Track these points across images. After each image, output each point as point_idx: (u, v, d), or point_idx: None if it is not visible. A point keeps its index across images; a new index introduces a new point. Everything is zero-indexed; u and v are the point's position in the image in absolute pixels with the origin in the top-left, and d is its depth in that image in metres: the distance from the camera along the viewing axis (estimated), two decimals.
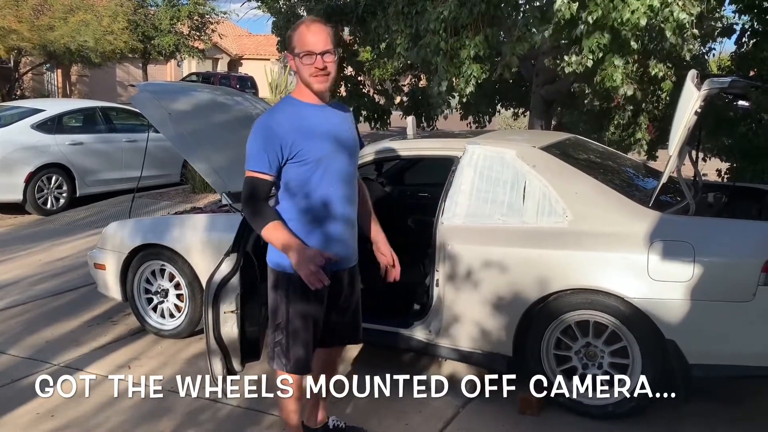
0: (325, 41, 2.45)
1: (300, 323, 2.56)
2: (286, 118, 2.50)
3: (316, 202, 2.52)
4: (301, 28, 2.48)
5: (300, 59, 2.46)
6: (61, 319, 4.63)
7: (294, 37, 2.48)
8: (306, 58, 2.44)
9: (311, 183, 2.50)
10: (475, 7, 5.49)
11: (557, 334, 3.26)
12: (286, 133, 2.46)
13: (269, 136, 2.48)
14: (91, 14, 19.74)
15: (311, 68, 2.45)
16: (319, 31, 2.45)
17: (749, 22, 6.22)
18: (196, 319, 4.08)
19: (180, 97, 4.79)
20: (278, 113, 2.54)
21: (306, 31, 2.46)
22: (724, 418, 3.27)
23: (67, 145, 8.59)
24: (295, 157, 2.47)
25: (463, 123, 8.92)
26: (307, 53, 2.44)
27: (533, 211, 3.29)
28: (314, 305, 2.56)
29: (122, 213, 7.61)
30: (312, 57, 2.44)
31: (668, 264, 3.01)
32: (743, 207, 3.87)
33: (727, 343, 3.00)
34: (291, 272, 2.49)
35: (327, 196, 2.53)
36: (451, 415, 3.30)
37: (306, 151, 2.47)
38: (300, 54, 2.45)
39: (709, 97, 3.22)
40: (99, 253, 4.50)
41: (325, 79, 2.48)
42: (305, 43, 2.45)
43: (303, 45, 2.45)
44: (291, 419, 2.77)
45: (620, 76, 5.18)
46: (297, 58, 2.47)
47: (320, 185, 2.51)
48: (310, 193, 2.51)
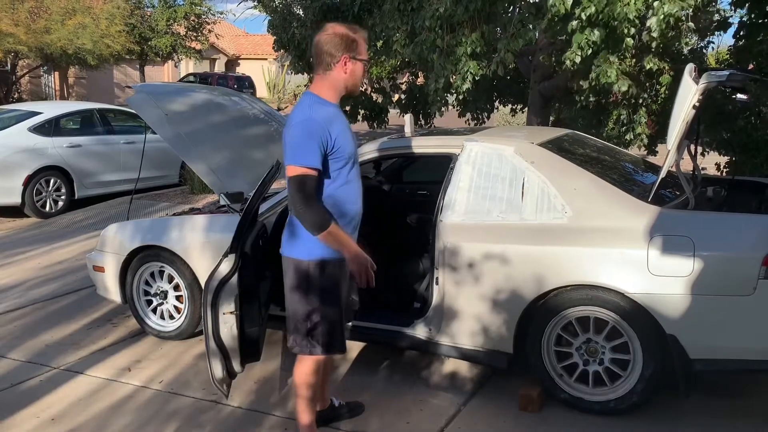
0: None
1: (332, 307, 2.71)
2: (325, 115, 2.59)
3: (338, 197, 2.66)
4: (362, 36, 2.66)
5: (360, 64, 2.64)
6: (60, 322, 4.63)
7: (360, 42, 2.64)
8: (364, 65, 2.66)
9: (343, 176, 2.65)
10: (471, 4, 5.47)
11: (558, 331, 3.25)
12: (327, 130, 2.56)
13: (315, 131, 2.54)
14: (88, 17, 19.72)
15: (362, 75, 2.67)
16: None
17: (746, 15, 6.20)
18: (196, 321, 4.08)
19: (177, 98, 4.78)
20: (319, 110, 2.60)
21: (364, 41, 2.66)
22: (725, 412, 3.26)
23: (65, 147, 8.57)
24: (334, 153, 2.59)
25: (461, 120, 8.91)
26: (365, 61, 2.66)
27: (532, 208, 3.28)
28: (341, 289, 2.74)
29: (121, 215, 7.59)
30: (366, 65, 2.67)
31: (668, 259, 3.00)
32: (743, 200, 3.86)
33: (728, 337, 2.99)
34: (323, 259, 2.63)
35: (355, 189, 2.72)
36: (452, 412, 3.30)
37: (343, 147, 2.61)
38: (363, 60, 2.65)
39: (707, 90, 3.21)
40: (98, 255, 4.49)
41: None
42: (364, 51, 2.64)
43: (364, 53, 2.65)
44: (304, 418, 2.86)
45: (615, 72, 5.16)
46: (358, 61, 2.63)
47: (350, 179, 2.68)
48: (335, 188, 2.64)
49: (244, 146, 4.67)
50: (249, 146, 4.69)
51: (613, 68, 5.13)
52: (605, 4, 4.84)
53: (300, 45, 7.76)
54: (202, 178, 4.36)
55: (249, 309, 3.23)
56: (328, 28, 2.70)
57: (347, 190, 2.68)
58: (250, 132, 4.87)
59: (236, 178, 4.18)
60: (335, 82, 2.65)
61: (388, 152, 3.94)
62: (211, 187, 4.26)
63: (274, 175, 3.37)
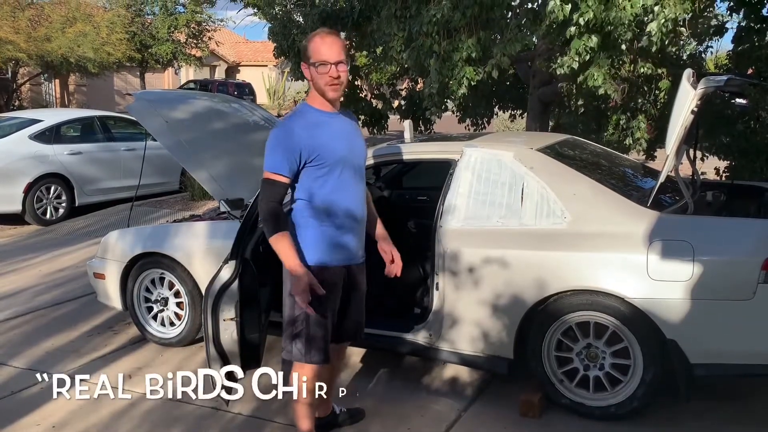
0: (338, 52, 2.61)
1: (318, 315, 2.68)
2: (304, 123, 2.64)
3: (330, 202, 2.67)
4: (316, 39, 2.62)
5: (315, 68, 2.60)
6: (61, 329, 4.63)
7: (309, 47, 2.63)
8: (321, 68, 2.59)
9: (327, 185, 2.65)
10: (468, 10, 5.49)
11: (558, 336, 3.25)
12: (304, 138, 2.60)
13: (288, 140, 2.61)
14: (89, 25, 19.78)
15: (326, 77, 2.60)
16: (333, 43, 2.62)
17: (743, 20, 6.22)
18: (197, 327, 4.08)
19: (177, 105, 4.80)
20: (296, 119, 2.67)
21: (321, 42, 2.61)
22: (726, 416, 3.26)
23: (66, 154, 8.59)
24: (314, 160, 2.62)
25: (460, 126, 8.93)
26: (322, 63, 2.59)
27: (532, 213, 3.29)
28: (330, 298, 2.70)
29: (122, 222, 7.60)
30: (327, 66, 2.59)
31: (668, 263, 3.00)
32: (742, 205, 3.87)
33: (728, 341, 2.99)
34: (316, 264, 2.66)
35: (340, 198, 2.69)
36: (453, 418, 3.30)
37: (323, 155, 2.62)
38: (316, 63, 2.60)
39: (705, 95, 3.22)
40: (98, 262, 4.49)
41: (338, 88, 2.64)
42: (320, 53, 2.60)
43: (318, 55, 2.60)
44: (303, 425, 2.86)
45: (602, 75, 5.17)
46: (312, 67, 2.61)
47: (335, 187, 2.66)
48: (325, 194, 2.65)
49: (245, 153, 4.67)
50: (249, 153, 4.70)
51: (600, 72, 5.13)
52: (603, 9, 4.86)
53: (300, 52, 7.79)
54: (202, 185, 4.37)
55: (249, 315, 3.23)
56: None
57: (340, 196, 2.68)
58: (250, 139, 4.88)
59: (237, 185, 4.19)
60: (311, 91, 2.71)
61: (388, 158, 3.95)
62: (212, 193, 4.27)
63: None
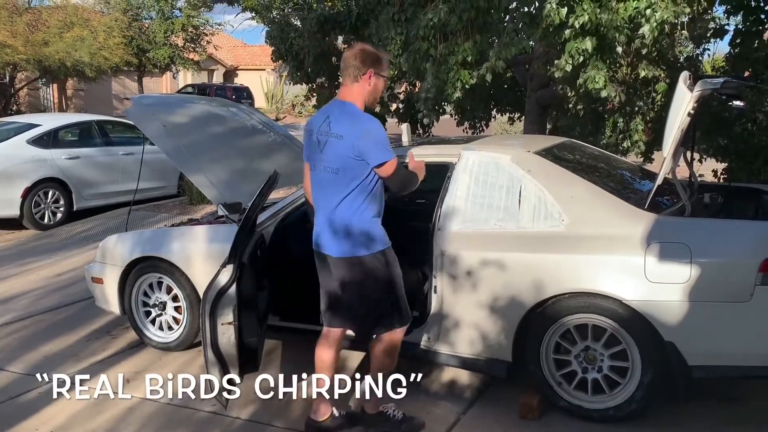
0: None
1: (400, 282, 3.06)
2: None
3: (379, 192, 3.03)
4: (387, 57, 3.01)
5: (381, 79, 2.97)
6: (59, 334, 4.62)
7: (384, 60, 2.99)
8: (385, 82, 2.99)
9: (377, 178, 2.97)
10: (464, 14, 5.51)
11: (556, 338, 3.25)
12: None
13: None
14: (86, 30, 19.78)
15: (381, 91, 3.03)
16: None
17: (741, 23, 6.24)
18: (195, 331, 4.07)
19: (175, 110, 4.80)
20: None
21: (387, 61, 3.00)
22: (724, 418, 3.26)
23: (64, 159, 8.58)
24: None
25: (459, 129, 8.93)
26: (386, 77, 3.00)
27: (529, 216, 3.29)
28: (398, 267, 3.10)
29: (120, 226, 7.58)
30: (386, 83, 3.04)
31: (665, 266, 3.01)
32: (739, 207, 3.87)
33: (726, 343, 3.00)
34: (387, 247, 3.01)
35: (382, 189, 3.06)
36: (452, 421, 3.30)
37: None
38: (385, 76, 2.98)
39: (702, 98, 3.23)
40: (96, 266, 4.49)
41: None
42: (387, 70, 2.99)
43: (387, 71, 2.99)
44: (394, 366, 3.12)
45: (603, 79, 5.18)
46: (382, 78, 2.97)
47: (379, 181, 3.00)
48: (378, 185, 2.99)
49: (243, 157, 4.68)
50: (247, 157, 4.71)
51: (600, 74, 5.15)
52: (598, 12, 4.88)
53: (298, 56, 7.81)
54: (200, 189, 4.37)
55: (247, 319, 3.24)
56: (357, 45, 3.09)
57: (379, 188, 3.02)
58: (248, 143, 4.89)
59: (235, 189, 4.19)
60: (361, 93, 2.95)
61: None
62: (210, 198, 4.27)
63: (271, 186, 3.38)
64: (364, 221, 2.95)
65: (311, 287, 4.01)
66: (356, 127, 2.89)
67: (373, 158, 2.87)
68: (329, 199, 2.97)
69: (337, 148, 2.91)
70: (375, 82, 2.92)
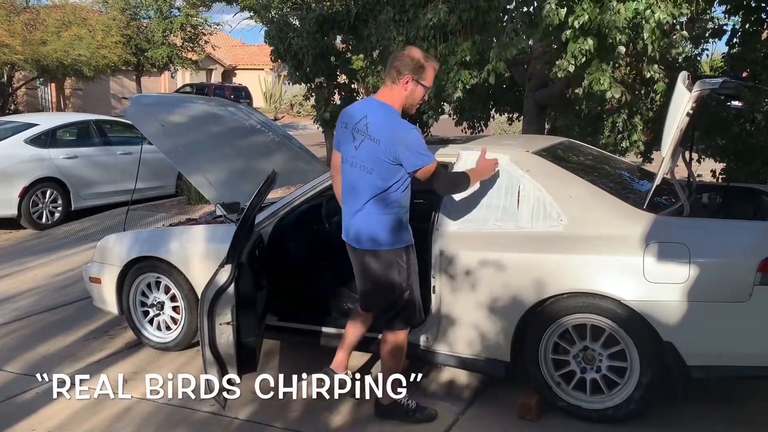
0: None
1: (416, 281, 3.17)
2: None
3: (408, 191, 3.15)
4: (434, 66, 3.09)
5: (424, 89, 3.06)
6: (57, 334, 4.61)
7: (428, 70, 3.05)
8: (424, 90, 3.07)
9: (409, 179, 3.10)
10: (464, 14, 5.50)
11: (555, 339, 3.25)
12: None
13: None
14: (84, 29, 19.75)
15: (422, 99, 3.11)
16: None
17: (739, 23, 6.24)
18: (193, 331, 4.06)
19: (173, 109, 4.80)
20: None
21: (435, 70, 3.09)
22: (722, 418, 3.26)
23: (62, 158, 8.57)
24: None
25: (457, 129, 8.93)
26: (428, 88, 3.10)
27: (528, 216, 3.29)
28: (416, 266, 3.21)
29: (118, 226, 7.57)
30: (428, 91, 3.11)
31: (664, 266, 3.01)
32: (738, 207, 3.88)
33: (725, 343, 3.00)
34: (409, 244, 3.14)
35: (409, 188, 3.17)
36: (450, 421, 3.29)
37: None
38: (427, 87, 3.07)
39: (700, 98, 3.23)
40: (94, 266, 4.48)
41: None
42: (431, 80, 3.08)
43: (429, 81, 3.07)
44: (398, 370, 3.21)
45: (608, 80, 5.19)
46: (420, 86, 3.04)
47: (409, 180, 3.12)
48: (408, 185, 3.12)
49: (241, 157, 4.68)
50: (245, 157, 4.70)
51: (605, 75, 5.15)
52: (597, 12, 4.88)
53: (297, 55, 7.78)
54: (198, 189, 4.36)
55: (246, 319, 3.23)
56: (406, 49, 3.18)
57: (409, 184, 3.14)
58: (246, 142, 4.88)
59: (233, 189, 4.19)
60: (398, 95, 3.05)
61: None
62: (208, 197, 4.26)
63: (270, 185, 3.38)
64: (390, 218, 3.07)
65: (310, 287, 4.02)
66: (394, 135, 2.99)
67: (409, 164, 3.00)
68: (361, 195, 3.09)
69: (374, 150, 3.01)
70: (413, 88, 3.02)
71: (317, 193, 3.74)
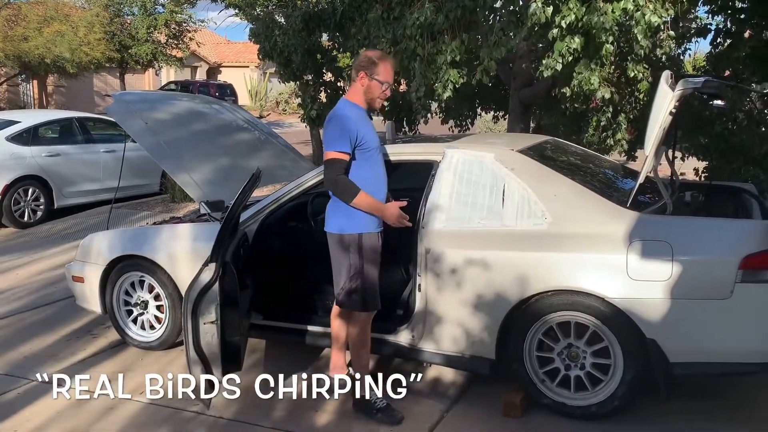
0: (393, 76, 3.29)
1: (370, 271, 3.23)
2: (354, 115, 3.21)
3: (374, 177, 3.25)
4: (388, 63, 3.25)
5: (379, 84, 3.21)
6: (39, 333, 4.56)
7: (380, 65, 3.22)
8: (383, 85, 3.22)
9: (367, 166, 3.21)
10: (451, 13, 5.50)
11: (539, 336, 3.26)
12: (356, 125, 3.16)
13: (346, 125, 3.15)
14: (66, 25, 19.54)
15: (380, 92, 3.24)
16: (393, 69, 3.29)
17: (722, 23, 6.30)
18: (177, 331, 4.03)
19: (157, 107, 4.76)
20: (349, 110, 3.23)
21: (390, 66, 3.25)
22: (705, 414, 3.29)
23: (44, 156, 8.47)
24: (362, 145, 3.17)
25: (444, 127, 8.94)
26: (385, 82, 3.23)
27: (513, 214, 3.30)
28: (377, 256, 3.28)
29: (101, 224, 7.48)
30: (386, 86, 3.25)
31: (647, 263, 3.03)
32: (720, 205, 3.91)
33: (707, 340, 3.03)
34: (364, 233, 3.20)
35: (380, 174, 3.30)
36: (436, 419, 3.30)
37: (368, 140, 3.20)
38: (382, 82, 3.21)
39: (683, 97, 3.25)
40: (77, 265, 4.43)
41: (382, 103, 3.33)
42: (387, 75, 3.23)
43: (385, 76, 3.22)
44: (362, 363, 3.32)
45: (597, 79, 5.22)
46: (375, 80, 3.20)
47: (373, 168, 3.24)
48: (367, 173, 3.20)
49: (225, 155, 4.65)
50: (230, 155, 4.68)
51: (595, 75, 5.18)
52: (584, 12, 4.90)
53: (283, 53, 7.75)
54: (183, 187, 4.33)
55: (230, 318, 3.21)
56: (362, 52, 3.45)
57: (377, 174, 3.26)
58: (231, 140, 4.86)
59: (217, 187, 4.17)
60: (357, 92, 3.26)
61: None
62: (192, 195, 4.24)
63: (254, 183, 3.37)
64: (340, 203, 3.20)
65: (295, 285, 4.01)
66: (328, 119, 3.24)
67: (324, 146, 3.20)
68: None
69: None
70: (368, 84, 3.21)
71: (302, 191, 3.73)
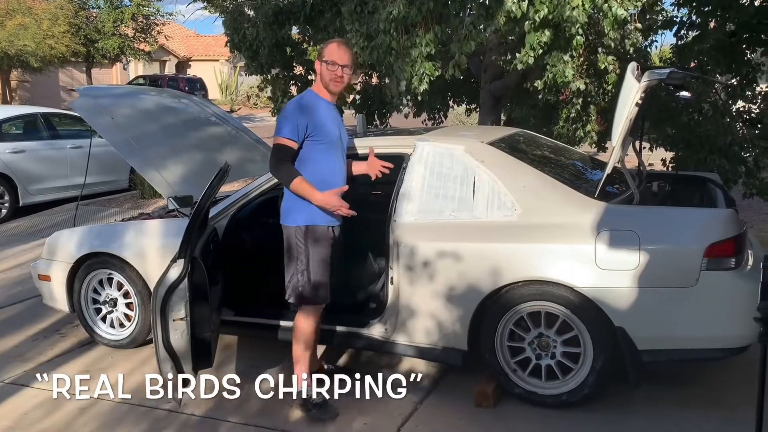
0: (347, 59, 3.21)
1: (319, 263, 3.19)
2: (309, 104, 3.19)
3: (323, 171, 3.18)
4: (332, 45, 3.23)
5: (327, 66, 3.17)
6: (4, 333, 4.47)
7: (325, 49, 3.22)
8: (330, 66, 3.17)
9: (321, 157, 3.17)
10: (423, 6, 5.49)
11: (510, 326, 3.29)
12: (308, 115, 3.13)
13: (297, 114, 3.14)
14: (29, 18, 19.09)
15: (332, 74, 3.18)
16: (345, 51, 3.22)
17: (687, 15, 6.39)
18: (147, 328, 3.98)
19: (124, 101, 4.68)
20: (307, 100, 3.22)
21: (336, 48, 3.21)
22: (673, 400, 3.36)
23: (8, 153, 8.30)
24: (314, 135, 3.13)
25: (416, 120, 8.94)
26: (332, 62, 3.17)
27: (483, 206, 3.32)
28: (327, 250, 3.22)
29: (68, 222, 7.36)
30: (335, 66, 3.17)
31: (615, 253, 3.07)
32: (686, 195, 3.98)
33: (674, 328, 3.08)
34: (310, 225, 3.16)
35: (331, 169, 3.22)
36: (409, 411, 3.31)
37: (321, 132, 3.16)
38: (327, 62, 3.17)
39: (649, 88, 3.30)
40: (43, 263, 4.35)
41: (339, 85, 3.22)
42: (333, 55, 3.18)
43: (330, 56, 3.18)
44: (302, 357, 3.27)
45: (571, 71, 5.27)
46: (324, 63, 3.18)
47: (327, 160, 3.19)
48: (319, 164, 3.17)
49: (195, 150, 4.59)
50: (199, 150, 4.62)
51: (569, 67, 5.23)
52: (555, 5, 4.94)
53: (252, 46, 7.67)
54: (151, 183, 4.27)
55: (200, 315, 3.18)
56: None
57: (331, 168, 3.21)
58: (200, 135, 4.79)
59: (186, 182, 4.11)
60: (317, 80, 3.26)
61: None
62: (160, 191, 4.17)
63: (222, 178, 3.33)
64: (289, 195, 3.21)
65: (266, 281, 3.98)
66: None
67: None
68: None
69: None
70: (320, 69, 3.21)
71: (273, 185, 3.70)
